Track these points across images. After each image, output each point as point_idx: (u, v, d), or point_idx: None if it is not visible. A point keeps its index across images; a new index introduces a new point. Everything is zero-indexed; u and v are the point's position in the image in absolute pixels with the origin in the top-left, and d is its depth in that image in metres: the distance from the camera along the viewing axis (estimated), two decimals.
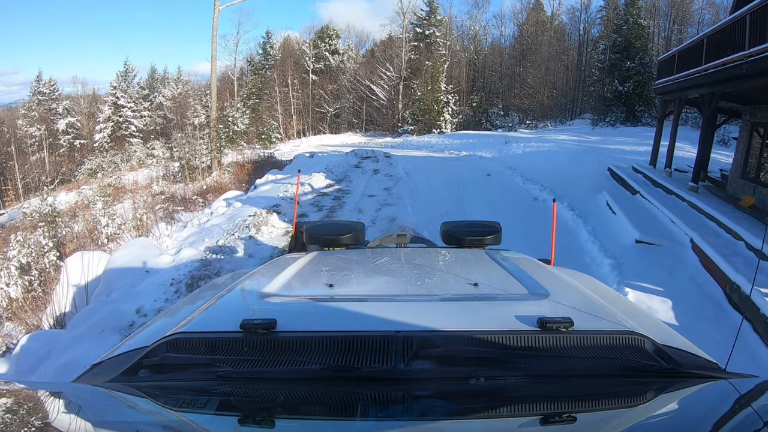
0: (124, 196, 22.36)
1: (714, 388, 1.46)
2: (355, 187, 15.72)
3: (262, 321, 1.55)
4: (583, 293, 2.04)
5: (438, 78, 43.41)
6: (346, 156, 24.75)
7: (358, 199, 13.76)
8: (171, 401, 1.39)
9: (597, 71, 42.91)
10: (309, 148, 37.27)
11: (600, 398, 1.49)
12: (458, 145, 33.49)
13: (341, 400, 1.43)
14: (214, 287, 2.39)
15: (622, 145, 28.37)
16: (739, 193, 14.34)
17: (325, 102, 53.32)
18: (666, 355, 1.57)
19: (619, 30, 39.68)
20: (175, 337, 1.59)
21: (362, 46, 61.91)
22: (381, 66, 49.35)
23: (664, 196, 13.37)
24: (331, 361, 1.47)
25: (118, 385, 1.47)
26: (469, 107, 46.09)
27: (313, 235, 3.27)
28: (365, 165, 21.74)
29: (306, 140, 48.49)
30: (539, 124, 41.76)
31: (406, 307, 1.81)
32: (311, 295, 2.00)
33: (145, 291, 7.81)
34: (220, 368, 1.47)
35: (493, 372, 1.46)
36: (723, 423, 1.22)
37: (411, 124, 43.36)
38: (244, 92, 56.46)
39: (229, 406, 1.43)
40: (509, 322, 1.61)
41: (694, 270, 8.59)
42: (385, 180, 17.19)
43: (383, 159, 24.13)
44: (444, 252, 3.04)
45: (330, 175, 17.43)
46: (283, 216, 11.76)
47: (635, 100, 38.61)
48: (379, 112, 50.31)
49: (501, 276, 2.32)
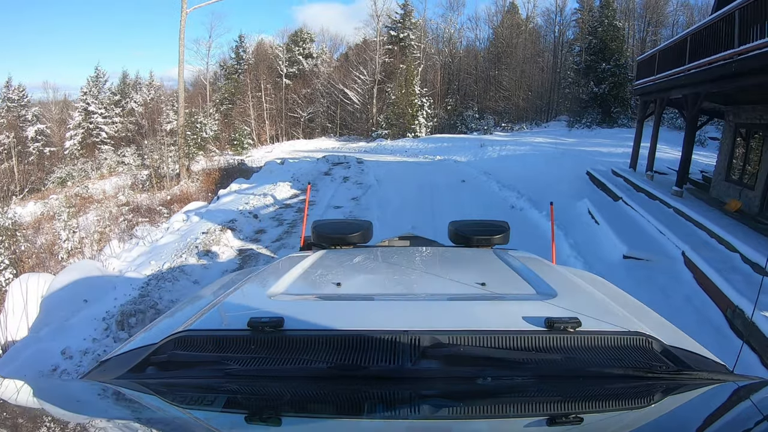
0: (90, 206, 21.78)
1: (721, 390, 1.44)
2: (322, 197, 14.73)
3: (270, 319, 1.55)
4: (591, 293, 2.05)
5: (412, 81, 42.46)
6: (316, 162, 23.88)
7: (322, 211, 12.76)
8: (178, 398, 1.35)
9: (572, 73, 42.45)
10: (281, 154, 36.63)
11: (607, 399, 1.45)
12: (433, 149, 32.73)
13: (348, 398, 1.41)
14: (221, 285, 2.38)
15: (599, 147, 27.70)
16: (723, 196, 13.74)
17: (298, 106, 52.18)
18: (673, 356, 1.56)
19: (595, 32, 39.24)
20: (182, 335, 1.59)
21: (336, 49, 61.02)
22: (355, 70, 48.35)
23: (648, 202, 12.57)
24: (338, 359, 1.45)
25: (126, 382, 1.47)
26: (444, 110, 45.24)
27: (320, 233, 3.25)
28: (335, 172, 20.81)
29: (279, 146, 47.22)
30: (515, 126, 41.19)
31: (413, 306, 1.82)
32: (318, 294, 2.05)
33: (77, 326, 6.79)
34: (227, 366, 1.46)
35: (500, 372, 1.44)
36: (730, 425, 1.19)
37: (385, 128, 42.36)
38: (217, 97, 55.20)
39: (236, 404, 1.41)
40: (517, 322, 1.61)
41: (689, 289, 7.74)
42: (355, 189, 16.23)
43: (355, 165, 23.27)
44: (452, 251, 3.03)
45: (296, 184, 16.40)
46: (239, 233, 10.72)
47: (611, 102, 38.17)
48: (353, 117, 49.30)
49: (509, 276, 2.31)
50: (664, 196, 12.64)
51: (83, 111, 53.01)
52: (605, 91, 37.97)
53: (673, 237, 9.40)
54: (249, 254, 9.63)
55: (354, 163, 24.06)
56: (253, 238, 10.63)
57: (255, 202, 13.39)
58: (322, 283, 2.30)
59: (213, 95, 55.36)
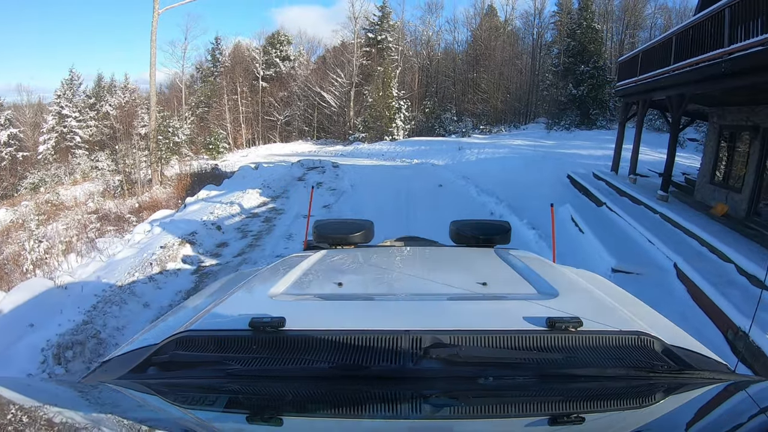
0: (61, 213, 21.14)
1: (723, 389, 1.43)
2: (292, 205, 13.98)
3: (271, 319, 1.53)
4: (593, 293, 2.03)
5: (390, 83, 41.72)
6: (291, 167, 23.20)
7: (291, 221, 12.02)
8: (179, 398, 1.35)
9: (551, 75, 42.10)
10: (257, 158, 35.89)
11: (609, 399, 1.44)
12: (410, 152, 32.21)
13: (349, 398, 1.41)
14: (223, 285, 2.37)
15: (578, 149, 27.29)
16: (708, 199, 13.24)
17: (275, 110, 51.20)
18: (675, 355, 1.55)
19: (573, 34, 38.95)
20: (184, 335, 1.58)
21: (314, 52, 59.83)
22: (332, 72, 47.52)
23: (632, 208, 12.01)
24: (340, 359, 1.44)
25: (127, 383, 1.45)
26: (422, 113, 44.42)
27: (322, 233, 3.22)
28: (309, 177, 20.15)
29: (255, 150, 46.35)
30: (493, 129, 40.60)
31: (415, 306, 1.82)
32: (320, 294, 2.02)
33: (17, 356, 6.01)
34: (228, 366, 1.45)
35: (501, 372, 1.43)
36: (732, 424, 1.19)
37: (362, 131, 41.63)
38: (193, 100, 54.13)
39: (238, 404, 1.41)
40: (518, 321, 1.60)
41: (683, 305, 7.11)
42: (328, 195, 15.50)
43: (330, 170, 22.65)
44: (453, 251, 3.00)
45: (266, 191, 15.63)
46: (198, 247, 9.92)
47: (589, 104, 37.83)
48: (331, 120, 48.41)
49: (510, 275, 2.30)
50: (648, 200, 12.12)
51: (57, 114, 51.24)
52: (584, 93, 37.64)
53: (663, 247, 8.81)
54: (207, 271, 8.86)
55: (329, 168, 23.48)
56: (213, 252, 9.86)
57: (220, 211, 12.59)
58: (323, 283, 2.28)
59: (189, 98, 54.22)
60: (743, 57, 8.59)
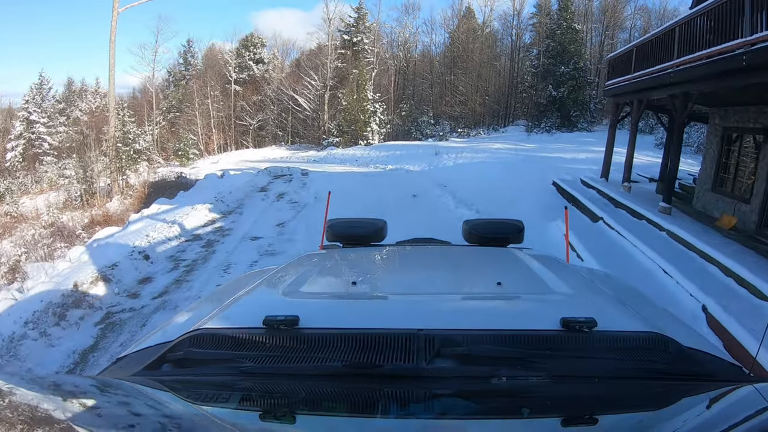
0: (19, 226, 19.25)
1: (739, 392, 1.36)
2: (243, 223, 12.03)
3: (285, 317, 1.51)
4: (607, 293, 2.02)
5: (364, 86, 39.88)
6: (256, 176, 21.40)
7: (235, 244, 10.08)
8: (193, 395, 1.32)
9: (530, 77, 40.87)
10: (227, 165, 34.35)
11: (622, 400, 1.38)
12: (385, 157, 30.53)
13: (362, 397, 1.38)
14: (237, 284, 2.31)
15: (560, 152, 25.85)
16: (710, 209, 11.72)
17: (247, 114, 49.18)
18: (690, 357, 1.51)
19: (553, 35, 37.82)
20: (198, 332, 1.57)
21: (289, 55, 58.01)
22: (306, 75, 45.67)
23: (634, 225, 10.28)
24: (353, 358, 1.41)
25: (142, 379, 1.42)
26: (399, 116, 42.78)
27: (335, 232, 3.18)
28: (273, 187, 18.32)
29: (226, 156, 44.30)
30: (471, 132, 39.22)
31: (428, 305, 1.77)
32: (334, 293, 2.02)
33: None
34: (242, 363, 1.43)
35: (515, 372, 1.38)
36: (748, 428, 1.15)
37: (336, 135, 39.78)
38: (164, 105, 52.22)
39: (251, 401, 1.39)
40: (532, 321, 1.57)
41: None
42: (286, 209, 13.61)
43: (298, 178, 20.96)
44: (467, 250, 2.97)
45: (218, 206, 13.65)
46: (114, 285, 7.92)
47: (570, 106, 36.78)
48: (305, 125, 46.49)
49: (524, 275, 2.24)
50: (650, 213, 10.47)
51: (25, 120, 49.02)
52: (564, 94, 36.57)
53: (684, 280, 7.06)
54: (114, 321, 6.92)
55: (297, 176, 21.85)
56: (131, 292, 7.89)
57: (156, 234, 10.60)
58: (337, 282, 2.26)
59: (161, 103, 52.32)
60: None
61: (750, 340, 5.31)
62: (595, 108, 38.42)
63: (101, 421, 1.12)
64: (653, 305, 2.14)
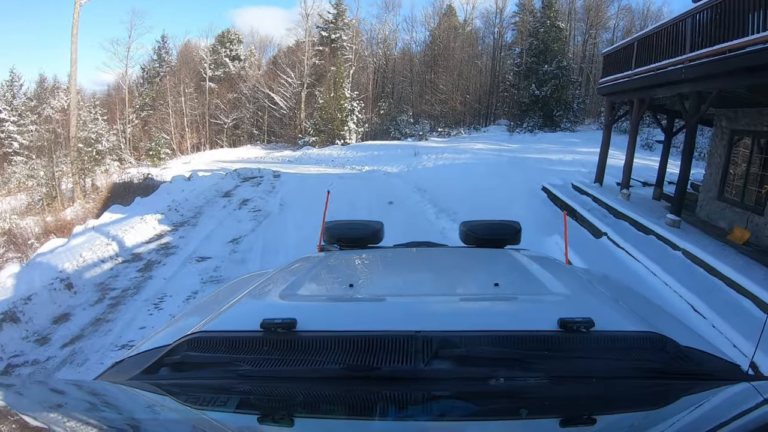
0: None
1: (735, 390, 1.36)
2: (193, 238, 10.39)
3: (282, 320, 1.49)
4: (605, 293, 1.99)
5: (342, 84, 38.26)
6: (223, 178, 19.77)
7: (176, 268, 8.44)
8: (191, 399, 1.31)
9: (512, 76, 39.53)
10: (199, 165, 32.45)
11: (620, 400, 1.38)
12: (362, 158, 29.03)
13: (360, 399, 1.38)
14: (235, 287, 2.28)
15: (545, 153, 24.57)
16: (716, 218, 10.61)
17: (222, 112, 47.23)
18: (687, 356, 1.49)
19: (536, 33, 36.55)
20: (196, 336, 1.54)
21: (267, 52, 55.98)
22: (283, 73, 43.93)
23: (644, 241, 8.93)
24: (351, 360, 1.40)
25: (139, 383, 1.42)
26: (377, 115, 41.20)
27: (333, 234, 3.21)
28: (239, 192, 16.74)
29: (199, 155, 42.37)
30: (452, 131, 37.79)
31: (426, 306, 1.76)
32: (331, 295, 2.02)
33: None
34: (240, 367, 1.42)
35: (513, 372, 1.38)
36: (744, 427, 1.13)
37: (313, 135, 38.11)
38: (137, 102, 49.82)
39: (249, 405, 1.38)
40: (530, 322, 1.55)
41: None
42: (246, 220, 12.00)
43: (268, 181, 19.41)
44: (464, 252, 2.96)
45: (170, 216, 11.98)
46: (22, 327, 6.14)
47: (553, 105, 35.53)
48: (281, 123, 44.72)
49: (521, 276, 2.22)
50: (658, 227, 9.20)
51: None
52: (547, 93, 35.33)
53: (722, 323, 5.65)
54: (7, 385, 5.28)
55: (268, 178, 20.32)
56: (41, 335, 6.13)
57: (91, 253, 8.79)
58: (334, 284, 2.22)
59: (134, 100, 49.93)
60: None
61: None
62: (578, 108, 37.25)
63: (99, 426, 1.09)
64: (650, 305, 2.15)
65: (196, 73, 49.74)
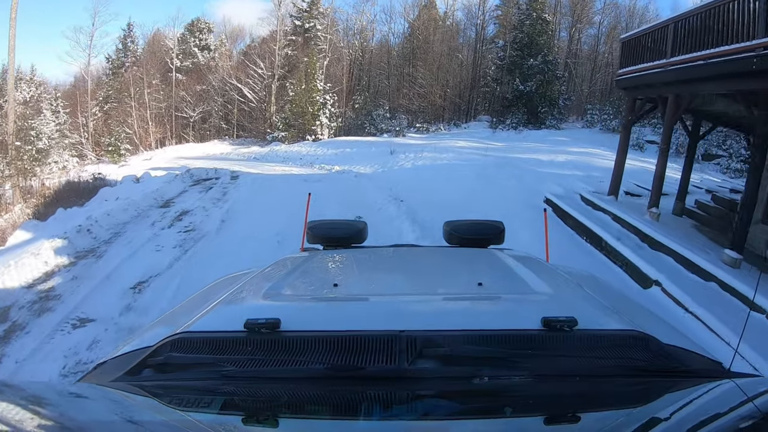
0: None
1: (718, 387, 1.36)
2: (88, 280, 7.27)
3: (266, 320, 1.45)
4: (588, 292, 1.97)
5: (314, 75, 35.16)
6: (171, 181, 16.95)
7: (40, 340, 5.21)
8: (175, 401, 1.29)
9: (494, 70, 36.95)
10: (160, 162, 29.88)
11: (604, 398, 1.38)
12: (332, 156, 26.25)
13: (345, 399, 1.37)
14: (218, 288, 2.21)
15: (534, 153, 21.99)
16: (760, 246, 8.24)
17: (188, 105, 43.76)
18: (670, 354, 1.49)
19: (521, 25, 33.90)
20: (179, 337, 1.51)
21: (239, 43, 52.32)
22: (252, 64, 40.76)
23: (707, 294, 6.30)
24: (335, 360, 1.38)
25: (122, 385, 1.40)
26: (351, 109, 38.08)
27: (316, 234, 3.10)
28: (183, 199, 13.97)
29: (162, 151, 38.96)
30: (431, 127, 34.90)
31: (410, 306, 1.74)
32: (315, 295, 1.99)
33: None
34: (224, 368, 1.39)
35: (497, 371, 1.37)
36: (727, 423, 1.15)
37: (282, 130, 35.04)
38: (101, 94, 45.85)
39: (233, 406, 1.35)
40: (513, 321, 1.54)
41: None
42: (170, 246, 9.10)
43: (221, 184, 16.65)
44: (448, 251, 2.93)
45: (79, 239, 8.97)
46: None
47: (538, 101, 32.89)
48: (251, 117, 41.51)
49: (505, 275, 2.21)
50: (716, 268, 6.81)
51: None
52: (532, 89, 32.73)
53: None
54: None
55: (224, 180, 17.59)
56: None
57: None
58: (318, 284, 2.21)
59: (97, 93, 46.10)
60: None
61: None
62: (563, 104, 34.81)
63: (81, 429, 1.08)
64: (633, 304, 2.12)
65: (163, 63, 46.22)
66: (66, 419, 1.14)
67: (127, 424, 1.16)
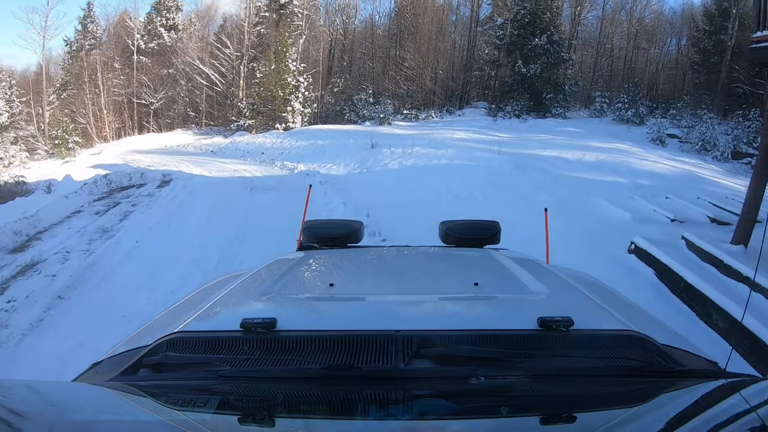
0: None
1: (713, 388, 1.35)
2: None
3: (262, 320, 1.43)
4: (584, 292, 1.94)
5: (285, 53, 29.82)
6: (77, 192, 12.52)
7: None
8: (171, 400, 1.26)
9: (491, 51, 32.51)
10: (110, 157, 25.83)
11: (600, 398, 1.36)
12: (301, 150, 21.47)
13: (341, 399, 1.33)
14: (214, 287, 2.17)
15: (553, 149, 17.48)
16: None
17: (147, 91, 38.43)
18: (666, 354, 1.46)
19: (523, 1, 29.09)
20: (175, 336, 1.48)
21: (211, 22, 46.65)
22: (221, 44, 35.38)
23: None
24: (331, 360, 1.36)
25: (118, 384, 1.37)
26: (330, 93, 32.70)
27: (312, 234, 3.11)
28: (56, 232, 9.37)
29: (115, 144, 33.89)
30: (421, 114, 29.83)
31: (406, 306, 1.73)
32: (311, 294, 1.95)
33: None
34: (220, 367, 1.36)
35: (493, 371, 1.35)
36: (722, 423, 1.12)
37: (249, 117, 29.95)
38: (58, 81, 41.22)
39: (230, 405, 1.32)
40: (509, 321, 1.54)
41: None
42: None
43: (136, 198, 12.10)
44: (444, 251, 2.88)
45: None
46: None
47: (542, 86, 28.32)
48: (218, 104, 36.32)
49: (501, 275, 2.20)
50: None
51: None
52: (536, 72, 28.12)
53: None
54: None
55: (145, 191, 12.95)
56: None
57: None
58: (314, 283, 2.21)
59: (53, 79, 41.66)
60: None
61: None
62: (570, 90, 29.96)
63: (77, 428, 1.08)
64: (629, 304, 2.06)
65: (126, 47, 40.87)
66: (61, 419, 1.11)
67: (123, 423, 1.13)
